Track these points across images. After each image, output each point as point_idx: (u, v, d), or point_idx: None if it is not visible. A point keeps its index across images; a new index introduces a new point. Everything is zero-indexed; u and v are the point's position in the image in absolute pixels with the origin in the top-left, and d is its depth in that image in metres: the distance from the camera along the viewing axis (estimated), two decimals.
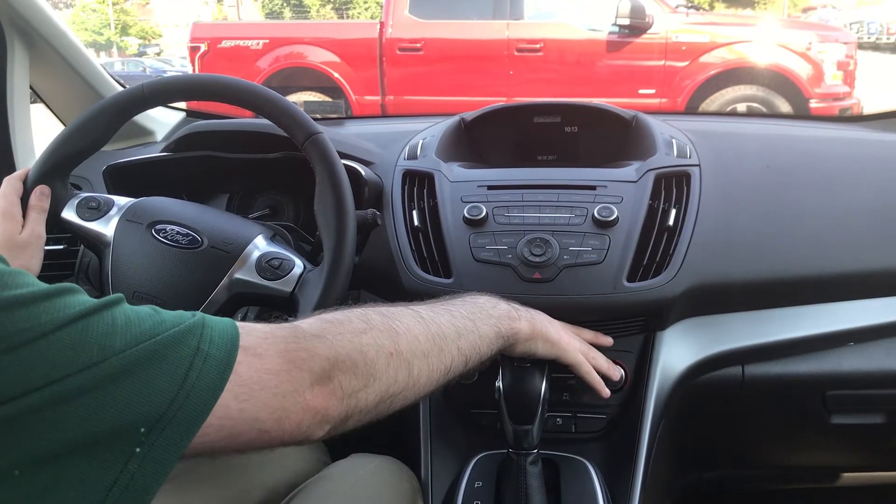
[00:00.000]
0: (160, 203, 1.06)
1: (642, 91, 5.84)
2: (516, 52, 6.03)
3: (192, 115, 1.70)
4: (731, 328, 1.12)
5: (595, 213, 1.05)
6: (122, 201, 1.05)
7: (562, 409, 1.07)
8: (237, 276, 0.98)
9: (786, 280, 1.11)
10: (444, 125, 1.34)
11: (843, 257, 1.13)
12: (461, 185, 1.15)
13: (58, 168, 1.04)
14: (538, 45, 5.99)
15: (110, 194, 1.08)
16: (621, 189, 1.11)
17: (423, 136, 1.30)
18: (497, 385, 0.95)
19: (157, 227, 1.01)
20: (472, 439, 1.08)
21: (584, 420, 1.07)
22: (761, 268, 1.10)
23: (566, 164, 1.34)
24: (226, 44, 6.53)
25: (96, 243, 1.03)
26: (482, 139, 1.39)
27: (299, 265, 0.99)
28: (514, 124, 1.39)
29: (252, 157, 1.25)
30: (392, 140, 1.33)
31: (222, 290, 0.97)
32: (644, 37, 5.78)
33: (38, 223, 1.00)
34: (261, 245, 1.01)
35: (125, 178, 1.23)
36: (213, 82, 1.04)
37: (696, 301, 1.07)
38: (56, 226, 1.04)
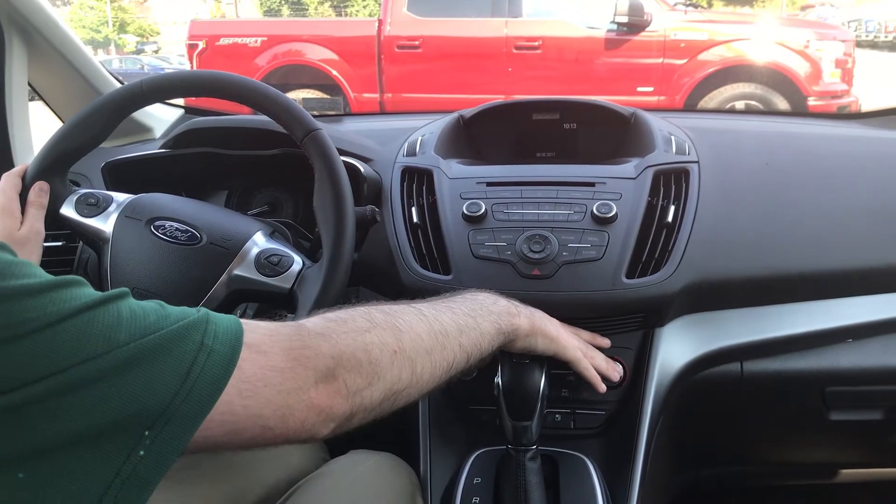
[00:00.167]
0: (159, 199, 1.06)
1: (640, 89, 5.84)
2: (515, 50, 6.03)
3: (190, 111, 1.69)
4: (729, 325, 1.12)
5: (594, 210, 1.05)
6: (120, 198, 1.05)
7: (561, 405, 1.07)
8: (236, 272, 0.97)
9: (784, 277, 1.11)
10: (442, 122, 1.34)
11: (842, 254, 1.13)
12: (460, 182, 1.15)
13: (56, 164, 1.04)
14: (536, 43, 5.99)
15: (109, 191, 1.08)
16: (620, 186, 1.11)
17: (422, 133, 1.30)
18: (496, 381, 0.95)
19: (156, 223, 1.00)
20: (471, 435, 1.08)
21: (583, 416, 1.07)
22: (760, 264, 1.11)
23: (565, 161, 1.34)
24: (224, 41, 6.51)
25: (95, 240, 1.03)
26: (481, 136, 1.38)
27: (298, 262, 0.98)
28: (513, 121, 1.39)
29: (251, 153, 1.25)
30: (391, 137, 1.33)
31: (221, 287, 0.97)
32: (642, 34, 5.78)
33: (36, 219, 1.00)
34: (260, 241, 1.01)
35: (124, 175, 1.23)
36: (211, 79, 1.04)
37: (694, 297, 1.07)
38: (55, 222, 1.04)
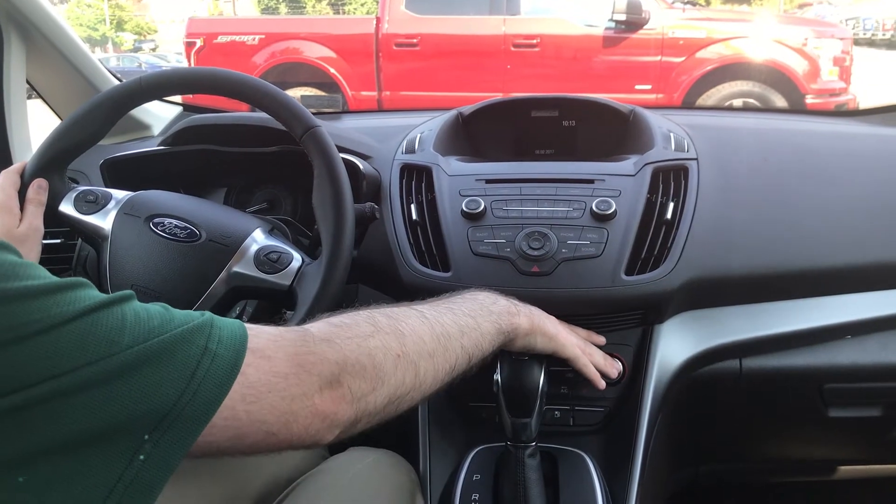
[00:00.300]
0: (158, 196, 1.06)
1: (638, 87, 5.84)
2: (513, 48, 6.03)
3: (188, 109, 1.69)
4: (728, 321, 1.12)
5: (593, 207, 1.05)
6: (119, 195, 1.05)
7: (560, 402, 1.07)
8: (235, 269, 0.97)
9: (783, 273, 1.11)
10: (441, 119, 1.33)
11: (840, 251, 1.13)
12: (459, 179, 1.14)
13: (55, 161, 1.04)
14: (534, 41, 5.99)
15: (108, 188, 1.08)
16: (619, 183, 1.11)
17: (421, 130, 1.30)
18: (495, 378, 0.95)
19: (155, 220, 1.00)
20: (470, 432, 1.08)
21: (583, 413, 1.08)
22: (759, 261, 1.11)
23: (564, 158, 1.34)
24: (221, 39, 6.51)
25: (94, 237, 1.03)
26: (480, 133, 1.38)
27: (298, 258, 0.98)
28: (512, 118, 1.39)
29: (250, 150, 1.25)
30: (390, 134, 1.33)
31: (220, 284, 0.97)
32: (640, 32, 5.78)
33: (35, 216, 1.00)
34: (259, 238, 1.01)
35: (122, 172, 1.22)
36: (210, 75, 1.04)
37: (693, 294, 1.07)
38: (53, 219, 1.04)
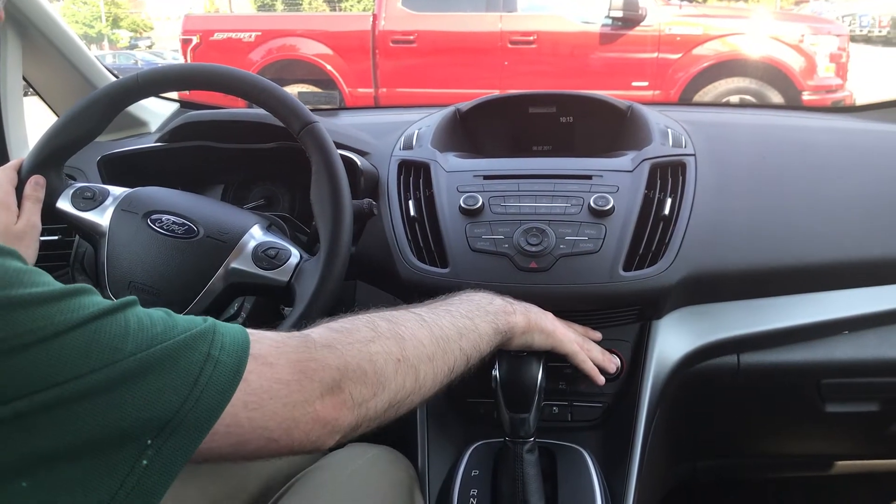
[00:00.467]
0: (156, 193, 1.05)
1: (635, 83, 5.83)
2: (510, 45, 6.01)
3: (186, 105, 1.69)
4: (726, 317, 1.12)
5: (591, 203, 1.05)
6: (117, 191, 1.05)
7: (558, 397, 1.07)
8: (233, 265, 0.97)
9: (780, 269, 1.11)
10: (439, 116, 1.33)
11: (838, 246, 1.14)
12: (457, 175, 1.14)
13: (52, 158, 1.03)
14: (531, 38, 5.97)
15: (105, 185, 1.07)
16: (617, 178, 1.11)
17: (419, 127, 1.30)
18: (494, 374, 0.95)
19: (153, 216, 1.00)
20: (468, 428, 1.09)
21: (581, 409, 1.08)
22: (756, 257, 1.11)
23: (562, 154, 1.34)
24: (218, 36, 6.49)
25: (91, 233, 1.02)
26: (477, 130, 1.38)
27: (296, 255, 0.98)
28: (510, 115, 1.39)
29: (247, 147, 1.24)
30: (387, 130, 1.33)
31: (218, 280, 0.97)
32: (637, 29, 5.77)
33: (33, 213, 1.00)
34: (257, 235, 1.00)
35: (120, 169, 1.22)
36: (207, 71, 1.04)
37: (691, 290, 1.07)
38: (51, 216, 1.04)
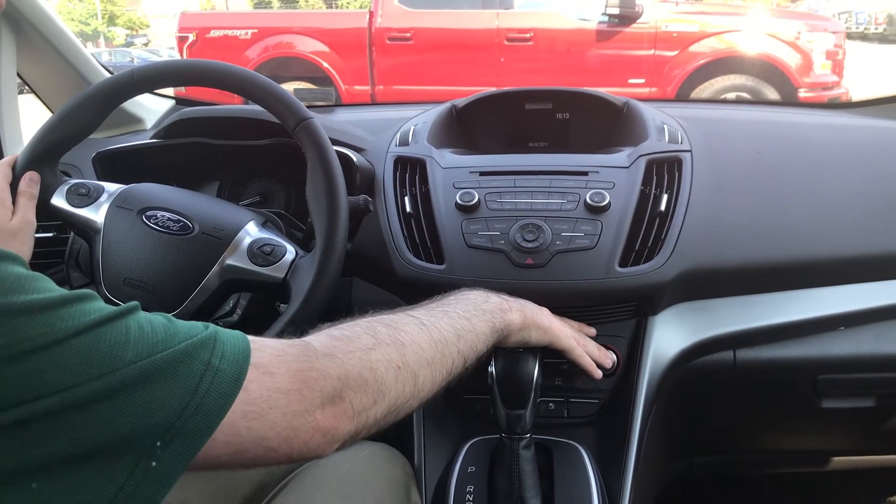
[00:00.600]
0: (151, 189, 1.05)
1: (632, 80, 5.83)
2: (506, 42, 6.01)
3: (181, 102, 1.68)
4: (722, 313, 1.12)
5: (587, 199, 1.05)
6: (112, 188, 1.04)
7: (554, 394, 1.07)
8: (229, 262, 0.97)
9: (777, 265, 1.11)
10: (435, 112, 1.33)
11: (834, 242, 1.14)
12: (453, 172, 1.14)
13: (47, 154, 1.03)
14: (528, 35, 5.97)
15: (100, 181, 1.07)
16: (613, 175, 1.10)
17: (415, 123, 1.29)
18: (490, 370, 0.95)
19: (148, 213, 1.00)
20: (465, 425, 1.09)
21: (577, 405, 1.08)
22: (753, 252, 1.11)
23: (558, 151, 1.34)
24: (214, 34, 6.48)
25: (86, 230, 1.02)
26: (474, 126, 1.38)
27: (291, 251, 0.98)
28: (506, 111, 1.39)
29: (243, 143, 1.24)
30: (383, 127, 1.33)
31: (214, 277, 0.97)
32: (634, 26, 5.77)
33: (27, 210, 0.99)
34: (252, 231, 1.00)
35: (115, 166, 1.22)
36: (203, 67, 1.03)
37: (687, 286, 1.07)
38: (45, 213, 1.03)
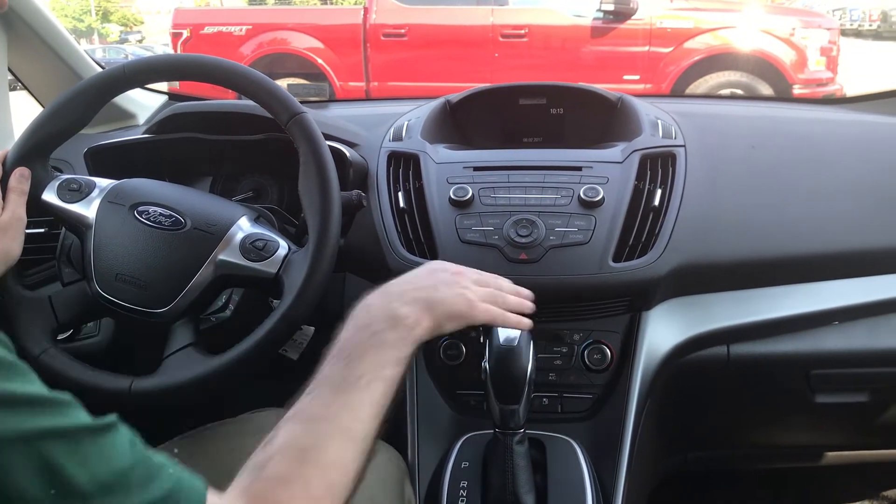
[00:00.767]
0: (142, 185, 1.04)
1: (627, 77, 5.83)
2: (501, 38, 6.00)
3: (174, 97, 1.68)
4: (716, 308, 1.12)
5: (581, 194, 1.05)
6: (103, 183, 1.04)
7: (548, 389, 1.07)
8: (221, 257, 0.97)
9: (770, 260, 1.12)
10: (429, 107, 1.33)
11: (827, 237, 1.14)
12: (447, 167, 1.14)
13: (37, 150, 1.02)
14: (523, 31, 5.96)
15: (92, 177, 1.06)
16: (607, 170, 1.10)
17: (409, 118, 1.29)
18: (483, 366, 0.94)
19: (140, 208, 0.99)
20: (458, 420, 1.08)
21: (571, 400, 1.08)
22: (746, 248, 1.11)
23: (552, 146, 1.34)
24: (208, 30, 6.46)
25: (78, 225, 1.01)
26: (468, 121, 1.38)
27: (284, 246, 0.97)
28: (500, 106, 1.39)
29: (235, 138, 1.24)
30: (377, 122, 1.32)
31: (206, 272, 0.96)
32: (628, 22, 5.77)
33: (18, 205, 0.98)
34: (245, 226, 1.00)
35: (106, 161, 1.21)
36: (195, 62, 1.03)
37: (681, 281, 1.07)
38: (36, 208, 1.02)
